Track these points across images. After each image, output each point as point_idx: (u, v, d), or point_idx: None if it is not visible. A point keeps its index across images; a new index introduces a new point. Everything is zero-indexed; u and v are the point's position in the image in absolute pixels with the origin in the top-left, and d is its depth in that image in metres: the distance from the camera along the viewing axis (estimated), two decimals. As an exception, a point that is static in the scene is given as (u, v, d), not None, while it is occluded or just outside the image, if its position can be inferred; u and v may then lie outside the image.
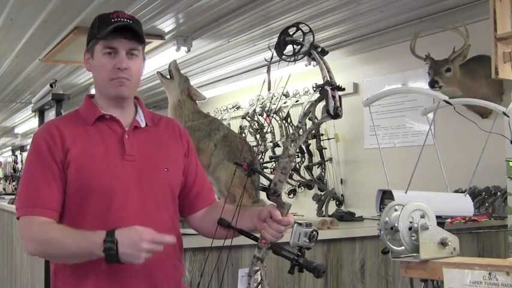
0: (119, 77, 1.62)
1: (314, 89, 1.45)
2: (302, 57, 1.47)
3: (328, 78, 1.39)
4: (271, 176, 1.45)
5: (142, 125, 1.72)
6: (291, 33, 1.49)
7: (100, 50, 1.63)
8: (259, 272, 1.49)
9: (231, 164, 2.60)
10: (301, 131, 1.43)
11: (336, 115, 1.37)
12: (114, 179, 1.59)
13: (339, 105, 1.38)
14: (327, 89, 1.38)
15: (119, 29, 1.61)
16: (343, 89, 1.42)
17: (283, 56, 1.48)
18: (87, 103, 1.72)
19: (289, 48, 1.50)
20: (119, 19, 1.62)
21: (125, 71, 1.62)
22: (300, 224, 1.46)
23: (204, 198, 1.81)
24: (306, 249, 1.47)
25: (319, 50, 1.45)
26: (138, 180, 1.63)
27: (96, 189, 1.57)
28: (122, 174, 1.61)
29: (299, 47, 1.46)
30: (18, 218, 1.60)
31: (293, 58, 1.47)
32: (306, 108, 1.45)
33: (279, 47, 1.48)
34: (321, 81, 1.40)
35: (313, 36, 1.48)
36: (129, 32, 1.63)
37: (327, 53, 1.46)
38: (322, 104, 1.41)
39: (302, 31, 1.49)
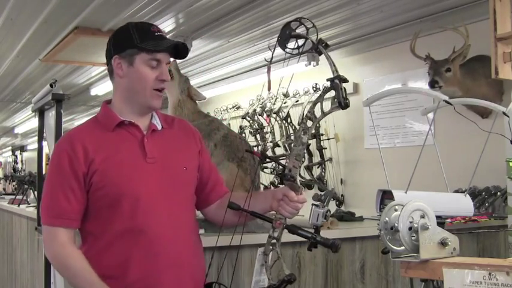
0: (161, 88, 1.71)
1: (314, 89, 1.51)
2: (307, 52, 1.56)
3: (336, 73, 1.53)
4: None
5: (159, 127, 1.80)
6: (293, 28, 1.54)
7: (144, 61, 1.69)
8: (275, 250, 1.59)
9: (232, 163, 2.60)
10: (310, 121, 1.57)
11: (346, 105, 1.52)
12: (140, 182, 1.67)
13: (345, 96, 1.52)
14: (337, 82, 1.52)
15: (165, 43, 1.69)
16: (347, 81, 1.55)
17: (288, 50, 1.56)
18: (105, 110, 1.78)
19: (291, 45, 1.53)
20: (160, 33, 1.71)
21: (165, 83, 1.72)
22: (317, 206, 1.60)
23: (217, 191, 1.90)
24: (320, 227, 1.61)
25: (323, 44, 1.54)
26: (161, 181, 1.70)
27: (124, 193, 1.65)
28: (146, 176, 1.68)
29: (303, 41, 1.55)
30: (42, 224, 1.71)
31: (297, 52, 1.55)
32: (315, 99, 1.58)
33: (282, 40, 1.55)
34: (320, 81, 1.47)
35: (317, 32, 1.55)
36: (172, 48, 1.72)
37: (329, 46, 1.56)
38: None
39: (305, 26, 1.54)
